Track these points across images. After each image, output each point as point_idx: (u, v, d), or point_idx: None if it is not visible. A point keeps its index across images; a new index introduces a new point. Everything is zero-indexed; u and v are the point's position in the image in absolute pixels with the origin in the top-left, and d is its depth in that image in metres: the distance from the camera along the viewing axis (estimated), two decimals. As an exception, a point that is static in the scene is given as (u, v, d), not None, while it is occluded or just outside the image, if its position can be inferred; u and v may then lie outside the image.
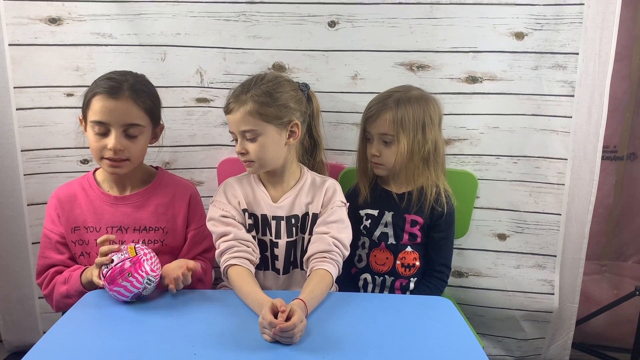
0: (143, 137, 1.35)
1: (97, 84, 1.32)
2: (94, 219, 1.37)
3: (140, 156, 1.37)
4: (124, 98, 1.29)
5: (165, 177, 1.46)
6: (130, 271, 1.14)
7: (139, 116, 1.32)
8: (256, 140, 1.31)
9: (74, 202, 1.38)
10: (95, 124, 1.29)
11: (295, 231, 1.41)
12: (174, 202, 1.42)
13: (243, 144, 1.33)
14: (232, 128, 1.35)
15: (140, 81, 1.36)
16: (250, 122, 1.30)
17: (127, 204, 1.39)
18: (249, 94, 1.31)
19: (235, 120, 1.32)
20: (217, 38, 1.65)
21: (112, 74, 1.35)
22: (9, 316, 1.86)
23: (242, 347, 1.02)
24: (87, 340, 1.05)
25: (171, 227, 1.41)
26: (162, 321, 1.12)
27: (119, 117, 1.29)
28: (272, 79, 1.36)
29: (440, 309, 1.24)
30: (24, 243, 1.77)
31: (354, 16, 1.63)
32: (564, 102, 1.66)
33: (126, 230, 1.37)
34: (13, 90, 1.66)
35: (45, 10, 1.62)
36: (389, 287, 1.52)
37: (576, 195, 1.72)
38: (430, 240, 1.51)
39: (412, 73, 1.66)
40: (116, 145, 1.28)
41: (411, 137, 1.40)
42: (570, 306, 1.83)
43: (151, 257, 1.20)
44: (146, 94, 1.34)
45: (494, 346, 1.94)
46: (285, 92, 1.34)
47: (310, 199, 1.42)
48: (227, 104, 1.35)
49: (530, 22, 1.62)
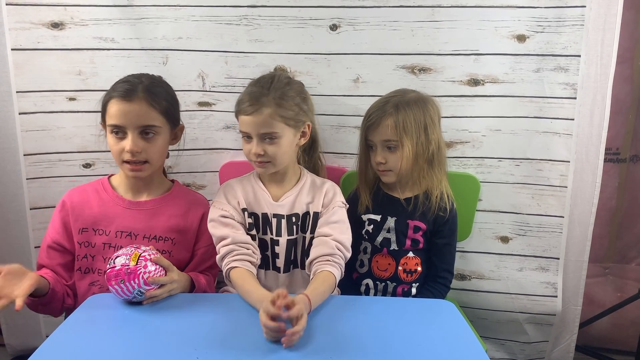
0: (161, 138, 1.35)
1: (113, 87, 1.33)
2: (104, 222, 1.37)
3: (159, 158, 1.38)
4: (138, 100, 1.29)
5: (182, 190, 1.47)
6: (124, 279, 1.14)
7: (154, 117, 1.32)
8: (275, 142, 1.33)
9: (85, 204, 1.38)
10: (113, 128, 1.30)
11: (296, 230, 1.41)
12: (187, 215, 1.42)
13: (261, 145, 1.33)
14: (247, 129, 1.33)
15: (156, 83, 1.36)
16: (271, 124, 1.31)
17: (141, 209, 1.39)
18: (269, 96, 1.31)
19: (255, 123, 1.31)
20: (218, 42, 1.66)
21: (128, 77, 1.36)
22: (11, 320, 1.86)
23: (244, 350, 1.02)
24: (89, 344, 1.04)
25: (181, 240, 1.40)
26: (164, 325, 1.12)
27: (134, 120, 1.29)
28: (285, 79, 1.37)
29: (443, 312, 1.23)
30: (27, 247, 1.78)
31: (355, 19, 1.63)
32: (566, 104, 1.66)
33: (136, 236, 1.36)
34: (16, 95, 1.66)
35: (48, 15, 1.63)
36: (391, 293, 1.52)
37: (579, 198, 1.72)
38: (433, 246, 1.51)
39: (414, 76, 1.66)
40: (133, 147, 1.29)
41: (414, 140, 1.40)
42: (574, 309, 1.83)
43: (151, 270, 1.17)
44: (162, 95, 1.34)
45: (497, 349, 1.94)
46: (297, 93, 1.37)
47: (311, 198, 1.43)
48: (242, 105, 1.34)
49: (532, 24, 1.62)
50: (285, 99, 1.32)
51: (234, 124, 1.71)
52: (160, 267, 1.20)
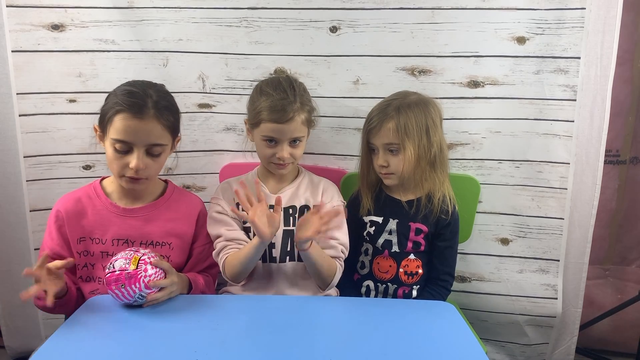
0: (164, 155, 1.34)
1: (118, 98, 1.27)
2: (100, 231, 1.34)
3: (157, 173, 1.37)
4: (149, 118, 1.26)
5: (175, 192, 1.45)
6: (124, 283, 1.13)
7: (162, 135, 1.30)
8: (299, 145, 1.41)
9: (80, 213, 1.35)
10: (117, 142, 1.26)
11: (293, 221, 1.44)
12: (183, 218, 1.41)
13: (288, 149, 1.39)
14: (278, 135, 1.37)
15: (163, 96, 1.32)
16: (301, 130, 1.39)
17: (135, 216, 1.37)
18: (297, 103, 1.36)
19: (288, 130, 1.36)
20: (219, 44, 1.66)
21: (131, 86, 1.30)
22: (11, 322, 1.85)
23: (245, 352, 1.02)
24: (89, 345, 1.04)
25: (178, 243, 1.39)
26: (164, 327, 1.11)
27: (143, 138, 1.27)
28: (300, 84, 1.43)
29: (443, 313, 1.23)
30: (27, 249, 1.77)
31: (355, 21, 1.63)
32: (566, 106, 1.66)
33: (132, 243, 1.35)
34: (16, 97, 1.66)
35: (48, 17, 1.63)
36: (392, 295, 1.52)
37: (579, 200, 1.72)
38: (434, 249, 1.51)
39: (414, 78, 1.67)
40: (139, 165, 1.26)
41: (416, 142, 1.40)
42: (574, 311, 1.82)
43: (152, 274, 1.16)
44: (169, 111, 1.31)
45: (497, 351, 1.93)
46: (309, 94, 1.44)
47: (309, 194, 1.48)
48: (272, 114, 1.34)
49: (532, 26, 1.62)
50: (306, 103, 1.40)
51: (235, 126, 1.72)
52: (159, 270, 1.20)
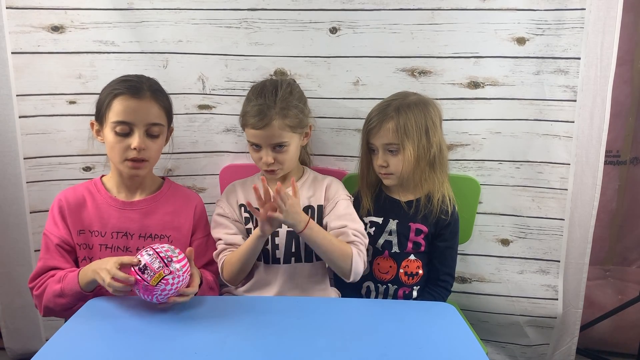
0: (162, 137, 1.38)
1: (114, 87, 1.34)
2: (99, 224, 1.37)
3: (157, 157, 1.40)
4: (146, 97, 1.33)
5: (172, 187, 1.48)
6: (139, 288, 1.14)
7: (160, 115, 1.36)
8: (284, 150, 1.38)
9: (81, 205, 1.38)
10: (118, 124, 1.31)
11: None
12: (181, 211, 1.43)
13: (272, 155, 1.38)
14: (257, 141, 1.38)
15: (156, 83, 1.40)
16: (282, 135, 1.37)
17: (134, 209, 1.40)
18: (276, 108, 1.34)
19: (266, 135, 1.36)
20: (218, 45, 1.66)
21: (126, 76, 1.38)
22: (11, 323, 1.85)
23: (245, 353, 1.02)
24: (89, 347, 1.04)
25: (177, 237, 1.41)
26: (164, 328, 1.11)
27: (143, 117, 1.32)
28: (287, 87, 1.40)
29: (443, 314, 1.23)
30: (27, 250, 1.77)
31: (355, 22, 1.63)
32: (566, 107, 1.66)
33: (132, 236, 1.37)
34: (16, 98, 1.66)
35: (48, 19, 1.63)
36: (392, 296, 1.52)
37: (579, 200, 1.72)
38: (434, 249, 1.51)
39: (414, 79, 1.66)
40: (140, 144, 1.30)
41: (416, 143, 1.40)
42: (575, 311, 1.82)
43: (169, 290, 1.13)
44: (164, 95, 1.39)
45: (497, 352, 1.93)
46: (299, 99, 1.41)
47: (312, 192, 1.47)
48: (250, 119, 1.36)
49: (532, 27, 1.62)
50: (290, 108, 1.37)
51: (234, 127, 1.72)
52: (179, 286, 1.15)
